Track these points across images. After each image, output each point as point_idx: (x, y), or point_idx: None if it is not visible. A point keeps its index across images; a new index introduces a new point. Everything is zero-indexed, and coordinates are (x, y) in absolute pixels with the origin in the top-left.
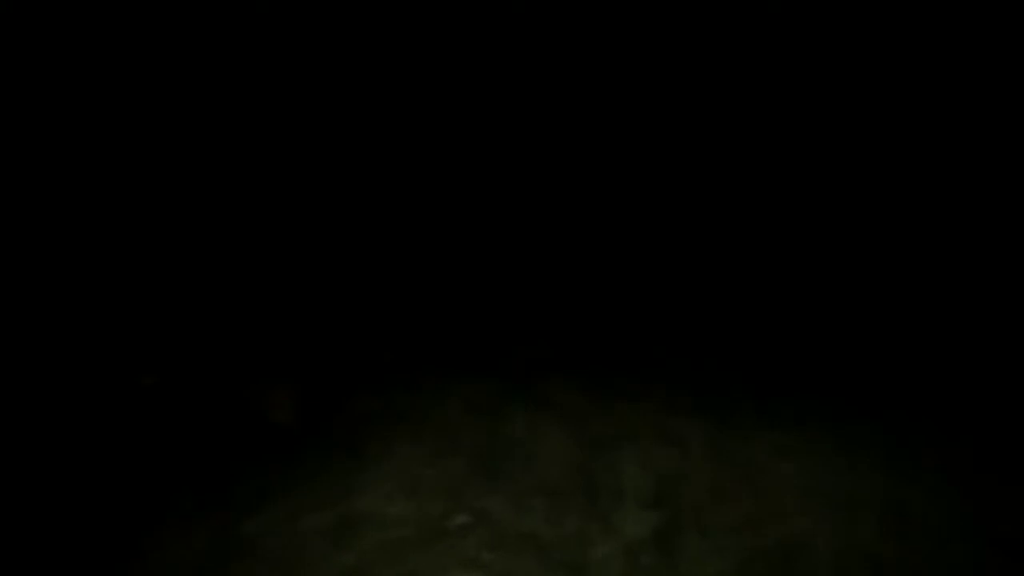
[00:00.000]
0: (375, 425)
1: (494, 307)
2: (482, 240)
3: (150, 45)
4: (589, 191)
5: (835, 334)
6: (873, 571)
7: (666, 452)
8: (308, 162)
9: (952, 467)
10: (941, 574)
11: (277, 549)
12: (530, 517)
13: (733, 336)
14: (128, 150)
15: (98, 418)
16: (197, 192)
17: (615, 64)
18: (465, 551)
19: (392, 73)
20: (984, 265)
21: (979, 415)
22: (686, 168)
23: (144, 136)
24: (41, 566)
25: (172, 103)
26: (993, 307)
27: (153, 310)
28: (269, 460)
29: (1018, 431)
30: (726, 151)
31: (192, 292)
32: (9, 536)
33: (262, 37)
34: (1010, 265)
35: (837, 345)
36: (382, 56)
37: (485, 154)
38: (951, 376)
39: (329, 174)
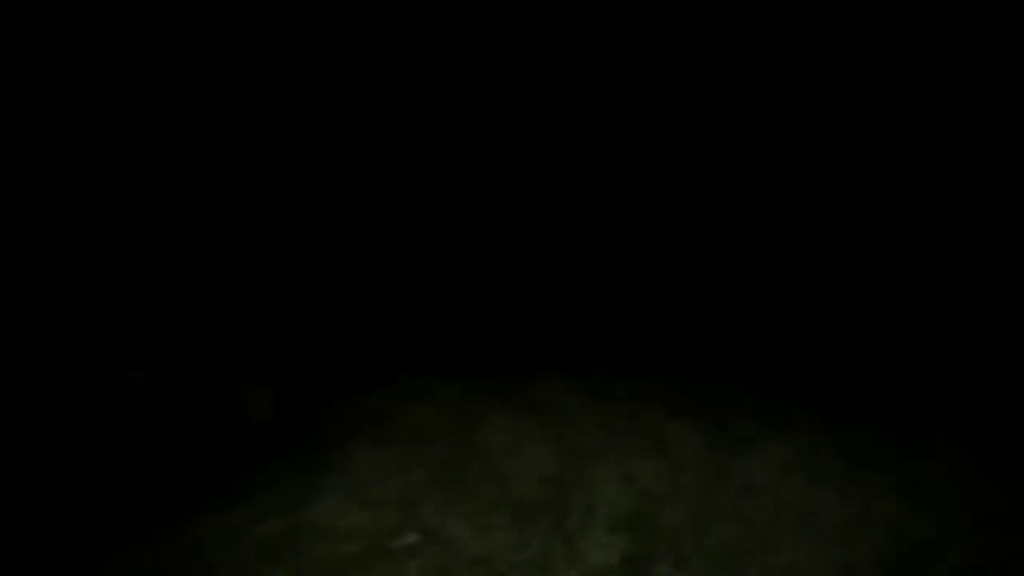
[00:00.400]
0: (352, 426)
1: (495, 307)
2: (482, 240)
3: (148, 45)
4: (588, 191)
5: (842, 334)
6: None
7: (654, 463)
8: (296, 163)
9: (968, 488)
10: None
11: (218, 557)
12: (488, 537)
13: (737, 337)
14: (115, 157)
15: (74, 415)
16: (185, 193)
17: (614, 65)
18: None
19: (389, 73)
20: (986, 266)
21: (993, 420)
22: (686, 170)
23: (132, 142)
24: None
25: (165, 105)
26: (998, 311)
27: (141, 307)
28: (238, 460)
29: None
30: (726, 153)
31: (182, 291)
32: None
33: (262, 37)
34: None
35: (845, 345)
36: (380, 57)
37: (483, 154)
38: (964, 380)
39: (318, 174)
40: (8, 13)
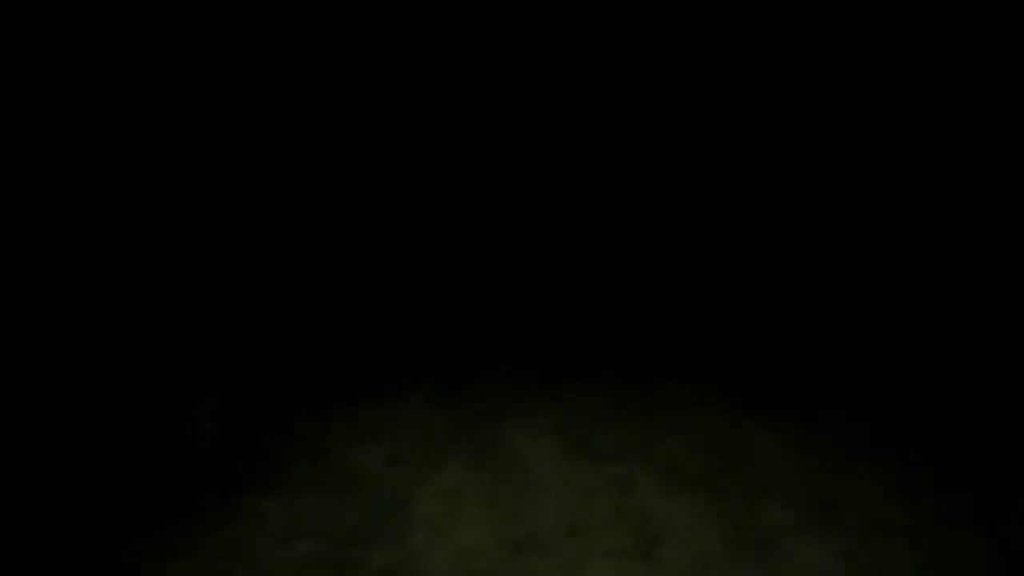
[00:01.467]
0: (285, 462)
1: (503, 307)
2: (479, 242)
3: (146, 44)
4: (585, 192)
5: (882, 348)
6: None
7: (628, 572)
8: (270, 166)
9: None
10: None
11: None
12: None
13: (746, 342)
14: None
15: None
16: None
17: (612, 66)
18: None
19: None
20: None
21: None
22: (687, 172)
23: (114, 148)
24: None
25: (146, 114)
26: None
27: (128, 307)
28: (143, 501)
29: None
30: (727, 154)
31: (161, 293)
32: None
33: (262, 37)
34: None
35: (890, 364)
36: (370, 57)
37: (475, 155)
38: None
39: (295, 176)
40: (8, 13)
